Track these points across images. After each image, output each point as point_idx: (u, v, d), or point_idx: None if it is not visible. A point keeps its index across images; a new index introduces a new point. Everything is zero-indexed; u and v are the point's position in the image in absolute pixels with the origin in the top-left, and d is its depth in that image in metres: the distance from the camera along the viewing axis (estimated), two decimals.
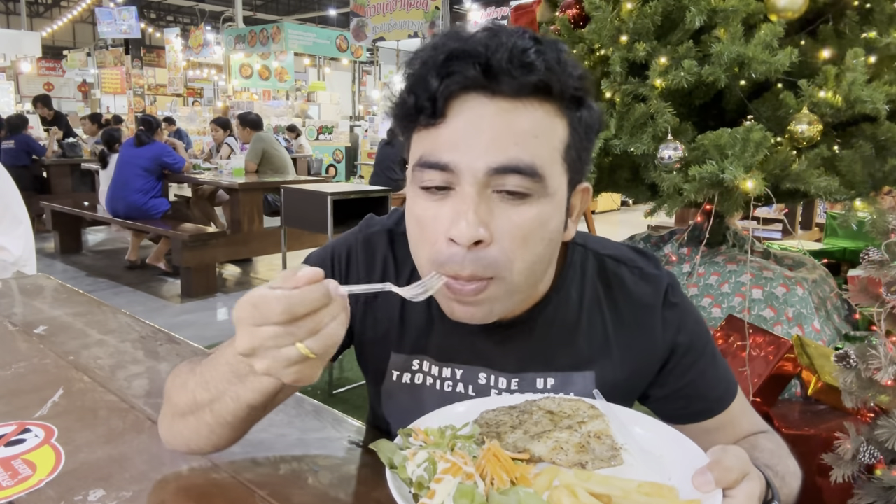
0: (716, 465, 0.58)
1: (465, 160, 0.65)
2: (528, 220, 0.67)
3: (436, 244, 0.68)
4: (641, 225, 3.40)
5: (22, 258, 2.18)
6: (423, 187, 0.69)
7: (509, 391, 0.82)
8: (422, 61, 0.67)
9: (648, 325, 0.83)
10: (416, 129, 0.69)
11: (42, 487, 0.75)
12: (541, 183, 0.66)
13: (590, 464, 0.64)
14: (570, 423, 0.69)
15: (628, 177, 2.18)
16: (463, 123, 0.65)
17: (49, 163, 7.63)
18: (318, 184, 4.35)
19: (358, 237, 0.89)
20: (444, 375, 0.84)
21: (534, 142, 0.66)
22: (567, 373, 0.82)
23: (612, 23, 1.83)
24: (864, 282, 1.48)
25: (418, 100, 0.66)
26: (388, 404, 0.89)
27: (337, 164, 12.31)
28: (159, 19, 25.05)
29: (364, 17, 7.66)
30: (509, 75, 0.64)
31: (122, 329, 1.36)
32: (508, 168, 0.65)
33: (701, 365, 0.85)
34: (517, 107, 0.65)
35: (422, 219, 0.70)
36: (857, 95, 1.62)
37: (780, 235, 4.72)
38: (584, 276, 0.84)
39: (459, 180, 0.66)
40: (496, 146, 0.65)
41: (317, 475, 0.81)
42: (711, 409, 0.86)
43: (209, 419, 0.73)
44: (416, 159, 0.69)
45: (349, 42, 11.15)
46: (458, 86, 0.65)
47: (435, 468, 0.58)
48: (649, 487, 0.60)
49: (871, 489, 1.43)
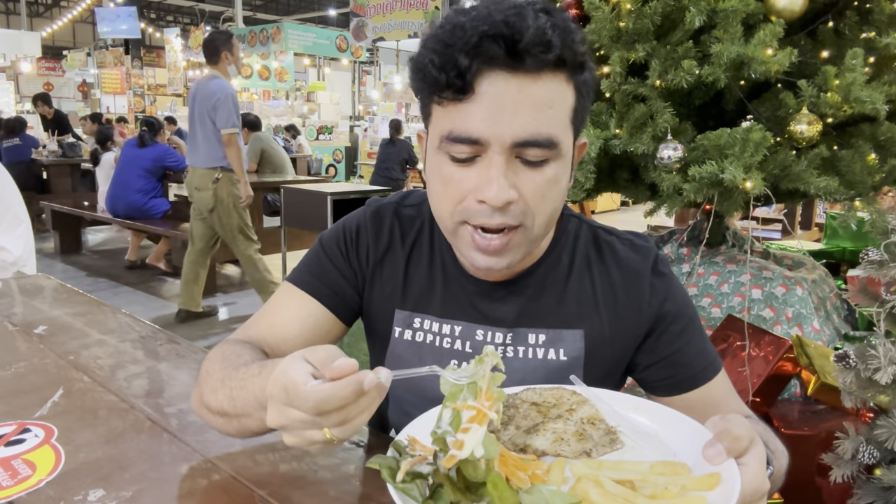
0: (725, 435, 0.58)
1: (494, 133, 0.72)
2: (547, 181, 0.76)
3: (463, 201, 0.76)
4: (641, 225, 3.40)
5: (22, 258, 2.18)
6: (453, 158, 0.75)
7: (504, 345, 0.89)
8: (445, 42, 0.72)
9: (636, 290, 0.89)
10: (439, 101, 0.75)
11: (42, 487, 0.76)
12: (556, 150, 0.75)
13: (594, 451, 0.63)
14: (559, 413, 0.69)
15: (628, 177, 2.18)
16: (489, 99, 0.71)
17: (49, 163, 7.64)
18: (317, 184, 4.35)
19: (366, 211, 0.97)
20: (444, 332, 0.91)
21: (549, 112, 0.73)
22: (557, 329, 0.89)
23: (612, 23, 1.83)
24: (863, 282, 1.48)
25: (448, 76, 0.71)
26: (391, 362, 0.94)
27: (337, 164, 12.31)
28: (159, 19, 25.04)
29: (364, 17, 7.66)
30: (531, 54, 0.70)
31: (121, 329, 1.36)
32: (530, 142, 0.72)
33: (687, 334, 0.89)
34: (536, 81, 0.72)
35: (449, 179, 0.77)
36: (856, 95, 1.62)
37: (780, 235, 4.71)
38: (577, 243, 0.92)
39: (487, 150, 0.73)
40: (519, 121, 0.72)
41: (317, 475, 0.81)
42: (696, 378, 0.88)
43: (236, 426, 0.77)
44: (446, 133, 0.75)
45: (349, 42, 11.14)
46: (486, 64, 0.70)
47: (459, 420, 0.56)
48: (662, 467, 0.59)
49: (871, 489, 1.43)
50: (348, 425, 0.59)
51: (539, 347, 0.88)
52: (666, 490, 0.55)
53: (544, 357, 0.88)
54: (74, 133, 8.90)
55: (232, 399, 0.75)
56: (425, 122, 0.82)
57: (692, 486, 0.56)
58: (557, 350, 0.88)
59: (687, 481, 0.56)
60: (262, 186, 5.63)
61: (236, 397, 0.74)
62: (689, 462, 0.59)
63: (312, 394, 0.57)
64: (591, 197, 2.19)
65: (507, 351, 0.89)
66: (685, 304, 0.91)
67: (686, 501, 0.54)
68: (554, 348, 0.88)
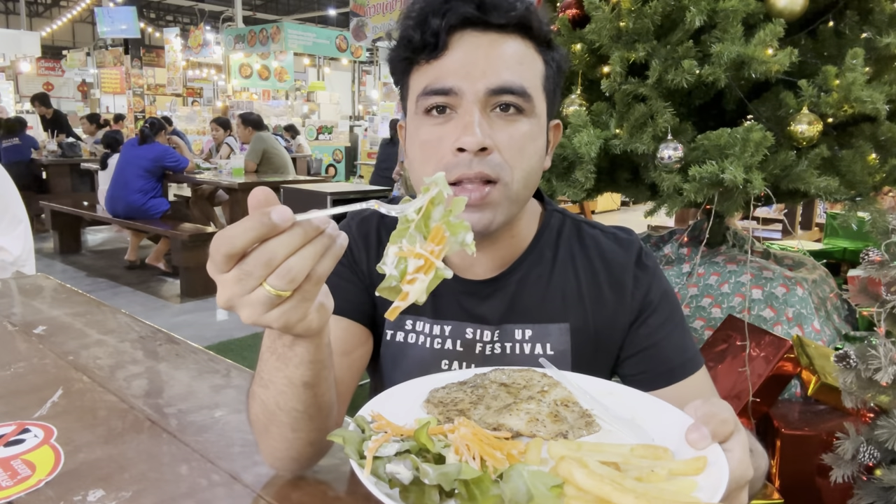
0: (711, 418, 0.56)
1: (467, 83, 0.77)
2: (523, 134, 0.79)
3: (443, 158, 0.78)
4: (641, 225, 3.40)
5: (21, 258, 2.17)
6: (427, 110, 0.79)
7: (492, 342, 0.89)
8: (419, 7, 0.79)
9: (620, 282, 0.90)
10: (415, 67, 0.81)
11: (41, 487, 0.75)
12: (530, 102, 0.79)
13: (570, 433, 0.62)
14: (530, 394, 0.67)
15: (628, 177, 2.17)
16: (462, 54, 0.77)
17: (48, 163, 7.64)
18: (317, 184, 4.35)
19: (351, 223, 0.98)
20: (435, 332, 0.91)
21: (520, 68, 0.79)
22: (543, 324, 0.89)
23: (612, 23, 1.83)
24: (864, 282, 1.48)
25: (423, 36, 0.77)
26: (385, 365, 0.94)
27: (337, 164, 12.30)
28: (159, 19, 25.04)
29: (364, 17, 7.65)
30: (497, 10, 0.77)
31: (121, 329, 1.35)
32: (503, 89, 0.77)
33: (667, 328, 0.89)
34: (505, 38, 0.79)
35: (428, 141, 0.80)
36: (857, 95, 1.62)
37: (780, 235, 4.71)
38: (560, 237, 0.94)
39: (461, 101, 0.77)
40: (492, 71, 0.77)
41: (316, 475, 0.81)
42: (673, 373, 0.88)
43: (283, 418, 0.70)
44: (421, 89, 0.79)
45: (349, 42, 11.15)
46: (457, 20, 0.76)
47: (406, 268, 0.53)
48: (643, 450, 0.57)
49: (871, 489, 1.43)
50: (280, 269, 0.51)
51: (526, 343, 0.89)
52: (652, 473, 0.53)
53: (531, 352, 0.88)
54: (73, 133, 8.89)
55: (262, 381, 0.69)
56: (404, 104, 0.86)
57: (679, 471, 0.54)
58: (544, 345, 0.88)
59: (672, 465, 0.54)
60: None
61: (263, 375, 0.68)
62: (673, 447, 0.57)
63: (218, 236, 0.51)
64: (592, 197, 2.19)
65: (494, 347, 0.89)
66: (667, 297, 0.91)
67: (676, 485, 0.52)
68: (541, 343, 0.89)
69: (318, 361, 0.66)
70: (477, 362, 0.89)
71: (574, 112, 1.95)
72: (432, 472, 0.51)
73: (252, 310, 0.54)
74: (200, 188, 6.36)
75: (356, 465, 0.54)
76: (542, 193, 0.98)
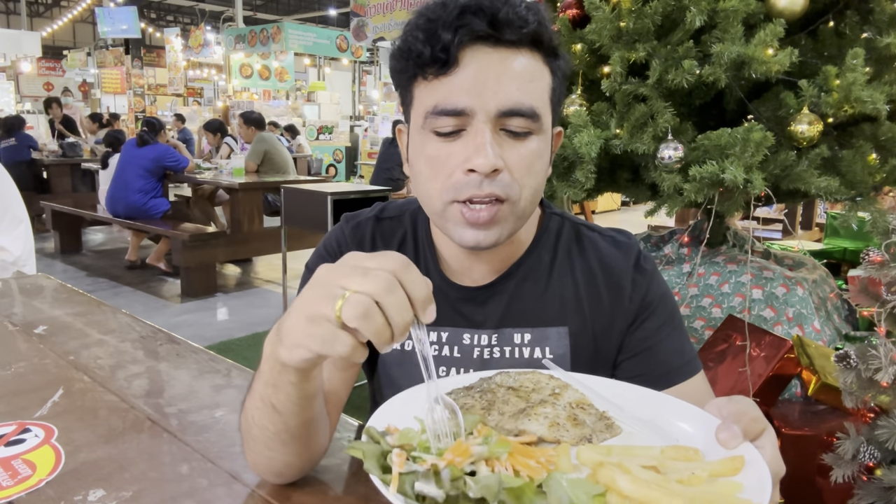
0: (742, 416, 0.55)
1: (479, 103, 0.74)
2: (531, 153, 0.78)
3: (452, 176, 0.76)
4: (641, 225, 3.40)
5: (21, 258, 2.18)
6: (438, 133, 0.77)
7: (490, 346, 0.89)
8: (428, 18, 0.75)
9: (618, 286, 0.90)
10: (420, 79, 0.77)
11: (42, 487, 0.75)
12: (538, 122, 0.77)
13: (594, 437, 0.59)
14: (541, 397, 0.66)
15: (628, 177, 2.17)
16: (472, 71, 0.74)
17: (49, 163, 7.63)
18: (318, 184, 4.35)
19: (345, 228, 0.96)
20: (431, 339, 0.90)
21: (530, 86, 0.76)
22: (541, 328, 0.89)
23: (612, 23, 1.83)
24: (864, 282, 1.48)
25: (433, 50, 0.74)
26: (381, 373, 0.94)
27: (337, 164, 12.30)
28: (159, 19, 25.04)
29: (364, 17, 7.66)
30: (511, 27, 0.74)
31: (121, 329, 1.36)
32: (514, 111, 0.75)
33: (664, 331, 0.89)
34: (516, 55, 0.76)
35: (436, 158, 0.78)
36: (857, 95, 1.62)
37: (781, 235, 4.71)
38: (558, 241, 0.93)
39: (473, 121, 0.75)
40: (503, 91, 0.74)
41: (317, 475, 0.81)
42: (670, 377, 0.87)
43: (257, 434, 0.72)
44: (431, 107, 0.76)
45: (349, 42, 11.14)
46: (469, 37, 0.73)
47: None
48: (673, 452, 0.55)
49: (871, 489, 1.43)
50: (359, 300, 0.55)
51: (525, 347, 0.88)
52: (693, 476, 0.51)
53: (530, 356, 0.88)
54: (78, 133, 8.90)
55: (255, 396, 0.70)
56: (406, 110, 0.83)
57: (717, 472, 0.52)
58: (543, 348, 0.88)
59: (710, 466, 0.52)
60: (262, 186, 5.63)
61: (257, 388, 0.70)
62: (700, 447, 0.55)
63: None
64: (592, 197, 2.19)
65: (493, 352, 0.88)
66: (665, 300, 0.90)
67: (720, 487, 0.50)
68: (539, 347, 0.88)
69: (304, 398, 0.68)
70: (475, 367, 0.88)
71: (574, 112, 1.95)
72: (475, 486, 0.49)
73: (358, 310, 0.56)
74: (201, 188, 6.36)
75: (378, 481, 0.51)
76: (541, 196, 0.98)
